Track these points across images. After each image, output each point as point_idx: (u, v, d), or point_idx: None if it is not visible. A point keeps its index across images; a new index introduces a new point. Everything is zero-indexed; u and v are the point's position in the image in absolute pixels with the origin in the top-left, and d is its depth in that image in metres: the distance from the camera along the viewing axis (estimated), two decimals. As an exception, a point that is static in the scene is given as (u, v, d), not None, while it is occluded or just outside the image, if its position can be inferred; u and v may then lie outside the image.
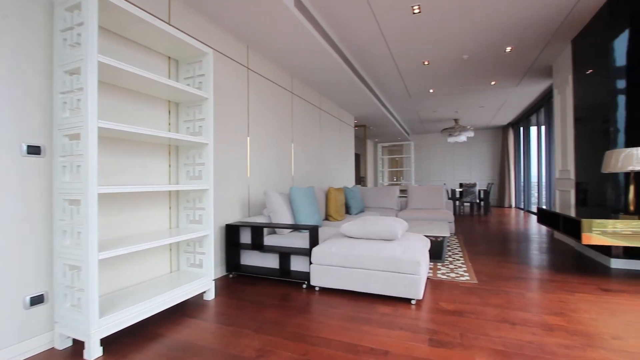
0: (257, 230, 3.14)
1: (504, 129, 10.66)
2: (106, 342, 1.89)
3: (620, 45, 3.25)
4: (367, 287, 2.55)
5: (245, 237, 3.24)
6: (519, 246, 4.42)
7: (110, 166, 2.20)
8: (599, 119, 3.52)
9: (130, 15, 2.00)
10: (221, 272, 3.19)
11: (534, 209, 8.50)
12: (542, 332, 1.96)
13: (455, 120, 9.29)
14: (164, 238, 2.19)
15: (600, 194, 3.56)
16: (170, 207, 2.64)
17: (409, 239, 2.79)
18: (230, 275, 3.18)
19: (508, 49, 4.52)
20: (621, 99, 3.25)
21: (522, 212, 8.89)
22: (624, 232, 2.77)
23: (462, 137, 9.03)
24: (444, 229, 3.76)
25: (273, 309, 2.36)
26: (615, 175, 3.31)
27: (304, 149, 5.08)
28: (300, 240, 3.06)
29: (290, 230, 3.38)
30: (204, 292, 2.57)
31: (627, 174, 3.10)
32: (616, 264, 3.27)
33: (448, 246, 4.36)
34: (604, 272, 3.14)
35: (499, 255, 3.88)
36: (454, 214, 8.24)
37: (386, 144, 12.69)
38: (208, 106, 2.55)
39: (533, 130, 8.59)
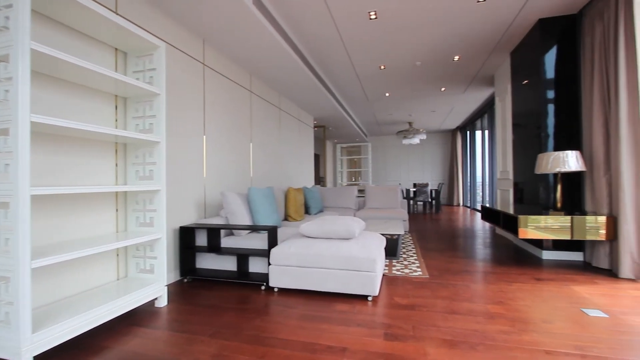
0: (213, 232, 3.04)
1: (453, 132, 11.39)
2: None
3: (550, 60, 3.64)
4: (325, 286, 2.58)
5: (201, 240, 3.13)
6: (466, 242, 4.75)
7: (48, 165, 2.00)
8: (533, 125, 3.90)
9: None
10: (175, 277, 3.05)
11: (479, 207, 9.20)
12: (485, 320, 2.13)
13: (410, 124, 9.74)
14: (110, 243, 2.03)
15: (535, 193, 3.94)
16: (117, 210, 2.46)
17: (366, 237, 2.88)
18: (185, 280, 3.05)
19: (456, 58, 4.84)
20: (551, 108, 3.64)
21: (468, 210, 9.56)
22: (553, 227, 3.11)
23: (416, 140, 9.49)
24: (399, 227, 3.93)
25: (230, 313, 2.31)
26: (546, 175, 3.69)
27: (263, 148, 5.02)
28: (259, 241, 3.02)
29: (249, 231, 3.32)
30: (156, 298, 2.43)
31: (555, 175, 3.47)
32: (547, 255, 3.65)
33: (403, 243, 4.56)
34: (537, 263, 3.48)
35: (448, 251, 4.14)
36: (408, 212, 8.64)
37: (345, 145, 12.96)
38: (160, 102, 2.42)
39: (478, 134, 9.29)
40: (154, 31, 2.86)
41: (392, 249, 3.82)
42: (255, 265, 2.98)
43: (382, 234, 3.78)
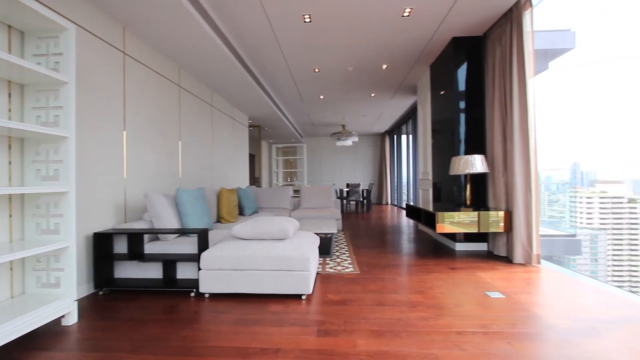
0: (135, 238, 2.78)
1: (382, 135, 12.16)
2: None
3: (462, 74, 4.12)
4: (259, 288, 2.55)
5: (121, 246, 2.83)
6: (393, 238, 5.12)
7: None
8: (449, 131, 4.38)
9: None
10: (88, 289, 2.71)
11: (404, 205, 9.98)
12: (408, 309, 2.33)
13: (343, 126, 10.12)
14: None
15: (450, 192, 4.42)
16: (10, 215, 2.10)
17: (300, 237, 2.92)
18: (101, 293, 2.73)
19: (384, 66, 5.19)
20: (462, 117, 4.12)
21: (396, 208, 10.30)
22: (464, 222, 3.53)
23: (349, 142, 9.89)
24: (332, 226, 4.07)
25: (155, 324, 2.14)
26: (459, 176, 4.17)
27: (193, 147, 4.74)
28: (188, 245, 2.85)
29: (177, 235, 3.11)
30: (63, 316, 2.13)
31: (466, 176, 3.94)
32: (459, 247, 4.12)
33: (336, 242, 4.72)
34: (452, 254, 3.91)
35: (377, 247, 4.41)
36: (342, 211, 8.97)
37: (281, 145, 12.91)
38: (68, 92, 2.13)
39: (404, 138, 10.07)
40: (63, 11, 2.51)
41: (325, 248, 3.94)
42: (184, 271, 2.81)
43: (316, 233, 3.87)
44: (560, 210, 5.73)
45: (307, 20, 3.68)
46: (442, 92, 4.61)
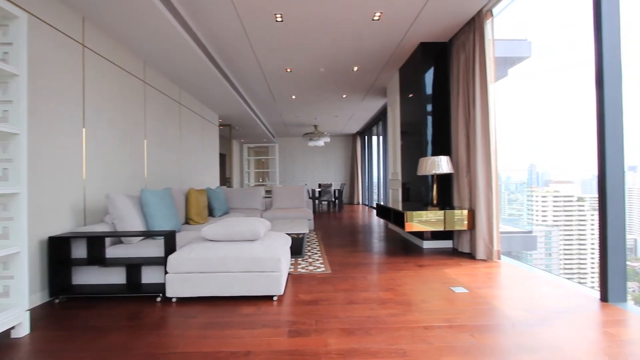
0: (96, 241, 2.64)
1: (353, 136, 12.33)
2: None
3: (429, 78, 4.27)
4: (229, 290, 2.51)
5: (80, 251, 2.67)
6: (364, 237, 5.21)
7: None
8: (417, 133, 4.53)
9: None
10: (42, 298, 2.53)
11: (375, 205, 10.19)
12: (378, 306, 2.38)
13: (315, 126, 10.16)
14: (-61, 263, 1.57)
15: (418, 192, 4.57)
16: (-50, 220, 1.92)
17: (271, 237, 2.90)
18: (57, 301, 2.55)
19: (355, 68, 5.27)
20: (429, 119, 4.28)
21: (367, 208, 10.49)
22: (431, 220, 3.66)
23: (321, 142, 9.95)
24: (304, 226, 4.07)
25: (118, 332, 2.03)
26: (426, 176, 4.32)
27: (160, 146, 4.56)
28: (154, 248, 2.74)
29: (142, 238, 2.98)
30: (13, 327, 1.97)
31: (432, 176, 4.10)
32: (427, 244, 4.27)
33: (308, 242, 4.73)
34: (419, 252, 4.05)
35: (348, 246, 4.47)
36: (314, 211, 9.00)
37: (252, 145, 12.73)
38: (18, 85, 1.98)
39: (374, 139, 10.28)
40: (11, -2, 2.32)
41: (297, 248, 3.93)
42: (150, 276, 2.70)
43: (288, 234, 3.85)
44: (518, 209, 6.11)
45: (279, 19, 3.66)
46: (410, 95, 4.76)
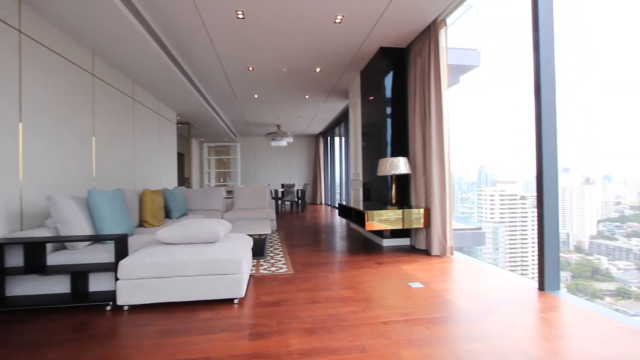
0: (35, 248, 2.41)
1: (316, 137, 12.41)
2: None
3: (388, 82, 4.43)
4: (187, 295, 2.41)
5: (15, 259, 2.42)
6: (326, 236, 5.27)
7: None
8: (377, 134, 4.67)
9: None
10: (-33, 312, 2.25)
11: (337, 205, 10.34)
12: (339, 304, 2.42)
13: (278, 126, 10.09)
14: None
15: (378, 191, 4.72)
16: None
17: (232, 239, 2.84)
18: (-14, 315, 2.29)
19: (318, 69, 5.32)
20: (389, 121, 4.43)
21: (329, 207, 10.61)
22: (391, 219, 3.80)
23: (284, 142, 9.90)
24: (266, 227, 4.03)
25: (61, 346, 1.88)
26: (385, 177, 4.47)
27: (111, 144, 4.26)
28: (103, 253, 2.56)
29: (89, 242, 2.77)
30: None
31: (392, 176, 4.25)
32: (386, 242, 4.42)
33: (270, 242, 4.69)
34: (379, 250, 4.18)
35: (311, 246, 4.50)
36: (277, 212, 8.92)
37: (213, 145, 12.33)
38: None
39: (337, 139, 10.43)
40: None
41: (259, 249, 3.88)
42: (98, 283, 2.52)
43: (250, 235, 3.79)
44: (470, 207, 6.53)
45: (240, 16, 3.59)
46: (371, 98, 4.89)
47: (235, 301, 2.49)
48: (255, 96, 6.94)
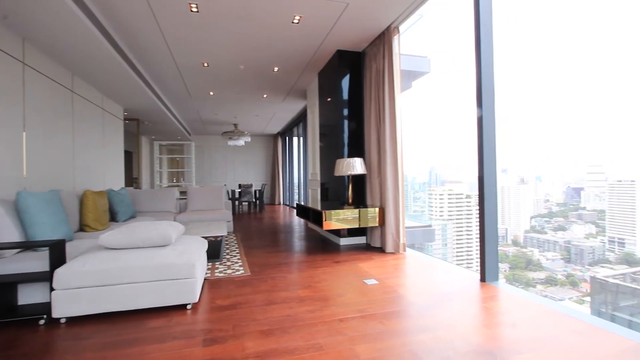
0: (-52, 259, 2.11)
1: (274, 137, 12.29)
2: None
3: (345, 84, 4.53)
4: (135, 303, 2.27)
5: None
6: (284, 237, 5.25)
7: None
8: (334, 135, 4.75)
9: None
10: None
11: (295, 205, 10.35)
12: (296, 304, 2.43)
13: (235, 125, 9.83)
14: None
15: (336, 191, 4.80)
16: None
17: (185, 242, 2.72)
18: None
19: (276, 69, 5.27)
20: (346, 123, 4.53)
21: (288, 208, 10.57)
22: (347, 218, 3.88)
23: (241, 142, 9.67)
24: (223, 228, 3.91)
25: (-18, 367, 1.67)
26: (343, 177, 4.56)
27: (46, 140, 3.85)
28: (35, 262, 2.32)
29: (18, 250, 2.49)
30: None
31: (348, 176, 4.35)
32: (343, 241, 4.52)
33: (226, 244, 4.56)
34: (337, 249, 4.25)
35: (269, 247, 4.45)
36: (234, 213, 8.70)
37: (165, 143, 11.71)
38: None
39: (295, 140, 10.43)
40: None
41: (215, 251, 3.76)
42: (30, 295, 2.28)
43: (205, 237, 3.65)
44: (421, 206, 6.90)
45: (194, 9, 3.45)
46: (328, 99, 4.96)
47: (189, 307, 2.39)
48: (211, 93, 6.70)
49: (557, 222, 5.34)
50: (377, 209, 4.00)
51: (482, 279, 2.86)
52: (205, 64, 5.04)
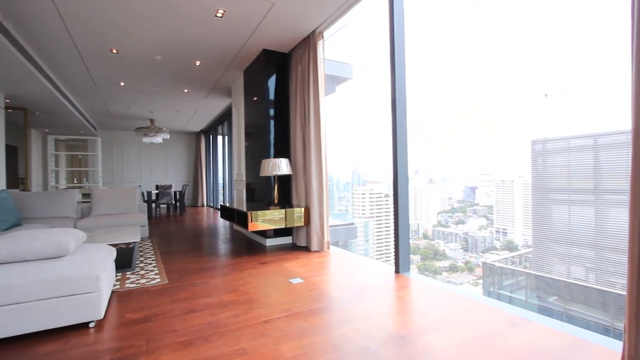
0: None
1: (197, 135, 11.59)
2: None
3: (272, 84, 4.51)
4: (22, 327, 1.92)
5: None
6: (208, 240, 5.00)
7: None
8: (260, 135, 4.69)
9: None
10: None
11: (220, 206, 9.92)
12: (219, 310, 2.34)
13: (151, 121, 8.99)
14: None
15: (262, 192, 4.74)
16: None
17: (87, 251, 2.39)
18: None
19: (197, 63, 4.98)
20: (272, 123, 4.51)
21: (212, 209, 10.06)
22: (274, 219, 3.87)
23: (158, 139, 8.89)
24: (136, 234, 3.55)
25: None
26: (269, 177, 4.53)
27: None
28: None
29: None
30: None
31: (274, 177, 4.34)
32: (270, 242, 4.49)
33: (140, 251, 4.15)
34: (263, 250, 4.21)
35: (189, 252, 4.19)
36: (150, 216, 7.95)
37: (64, 138, 10.13)
38: None
39: (220, 138, 9.99)
40: None
41: (126, 260, 3.40)
42: None
43: (113, 245, 3.27)
44: (345, 205, 7.26)
45: (99, -10, 3.06)
46: (254, 99, 4.88)
47: (92, 325, 2.12)
48: (122, 84, 6.01)
49: (458, 216, 6.15)
50: (302, 209, 4.08)
51: (397, 271, 3.13)
52: (114, 51, 4.50)
